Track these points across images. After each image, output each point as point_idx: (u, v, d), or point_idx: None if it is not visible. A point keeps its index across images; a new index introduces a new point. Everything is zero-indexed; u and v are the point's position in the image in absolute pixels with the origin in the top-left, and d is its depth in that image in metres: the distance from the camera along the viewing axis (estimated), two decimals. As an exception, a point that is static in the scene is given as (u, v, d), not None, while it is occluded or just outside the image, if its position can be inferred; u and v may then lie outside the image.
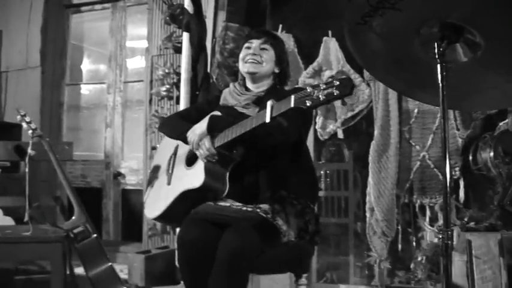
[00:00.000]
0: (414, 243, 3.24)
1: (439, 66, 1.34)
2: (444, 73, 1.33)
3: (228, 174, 2.01)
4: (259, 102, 2.11)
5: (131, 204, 4.47)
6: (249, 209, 2.01)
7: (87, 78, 4.91)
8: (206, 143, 2.00)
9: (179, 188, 2.10)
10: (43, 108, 4.51)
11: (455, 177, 3.08)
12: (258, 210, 2.00)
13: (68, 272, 2.37)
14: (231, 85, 2.28)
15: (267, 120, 1.77)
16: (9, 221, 3.34)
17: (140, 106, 4.43)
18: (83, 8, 4.79)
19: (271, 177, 2.07)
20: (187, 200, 2.06)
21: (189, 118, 2.29)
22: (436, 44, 1.35)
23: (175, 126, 2.26)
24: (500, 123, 2.98)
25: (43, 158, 2.56)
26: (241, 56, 2.21)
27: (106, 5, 4.69)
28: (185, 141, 2.11)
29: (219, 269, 1.81)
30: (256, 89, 2.21)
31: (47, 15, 4.59)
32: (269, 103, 1.78)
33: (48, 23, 4.60)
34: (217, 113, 2.08)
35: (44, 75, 4.55)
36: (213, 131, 2.02)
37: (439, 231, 1.16)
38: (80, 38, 4.92)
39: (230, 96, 2.23)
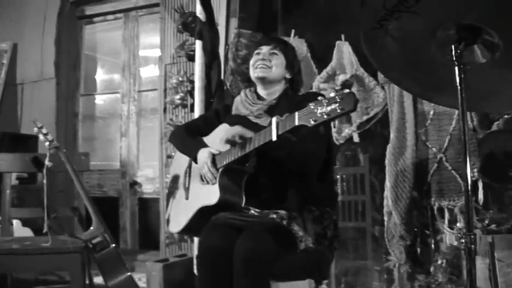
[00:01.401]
0: (433, 246, 3.20)
1: (456, 68, 1.32)
2: (462, 75, 1.31)
3: (243, 187, 2.00)
4: (272, 111, 2.10)
5: (148, 212, 4.48)
6: (265, 215, 2.00)
7: (101, 88, 4.94)
8: (210, 170, 2.04)
9: (197, 204, 2.11)
10: (58, 119, 4.55)
11: (473, 178, 3.04)
12: (275, 216, 1.99)
13: (87, 282, 2.38)
14: (242, 93, 2.27)
15: (274, 138, 1.75)
16: (27, 232, 3.39)
17: (155, 115, 4.45)
18: (96, 19, 4.83)
19: (289, 183, 2.06)
20: (205, 214, 2.06)
21: (196, 130, 2.30)
22: (453, 46, 1.33)
23: (182, 143, 2.29)
24: (494, 124, 2.95)
25: (60, 169, 2.57)
26: (251, 62, 2.21)
27: (118, 15, 4.73)
28: (195, 161, 2.15)
29: (237, 274, 1.81)
30: (268, 95, 2.20)
31: (61, 27, 4.64)
32: (274, 120, 1.76)
33: (61, 34, 4.65)
34: (226, 126, 2.09)
35: (59, 87, 4.60)
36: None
37: (462, 236, 1.13)
38: (94, 49, 4.96)
39: (242, 105, 2.22)
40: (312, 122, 1.60)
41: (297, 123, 1.66)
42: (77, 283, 2.26)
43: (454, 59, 1.33)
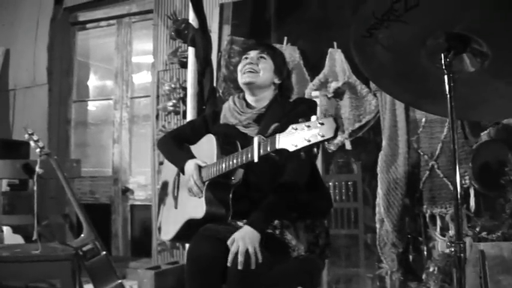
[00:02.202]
0: (426, 254, 3.20)
1: (446, 76, 1.33)
2: (451, 84, 1.31)
3: (230, 200, 1.99)
4: (261, 119, 2.08)
5: (140, 219, 4.46)
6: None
7: (94, 94, 4.93)
8: (196, 183, 2.03)
9: (184, 216, 2.10)
10: (50, 125, 4.53)
11: (465, 186, 3.05)
12: (267, 225, 1.98)
13: (77, 290, 2.36)
14: (231, 100, 2.22)
15: (255, 159, 1.73)
16: (18, 239, 3.36)
17: (147, 121, 4.44)
18: (89, 25, 4.82)
19: (278, 194, 2.05)
20: (193, 226, 2.04)
21: (184, 138, 2.28)
22: (442, 54, 1.34)
23: (170, 153, 2.27)
24: (482, 133, 2.97)
25: (51, 176, 2.56)
26: (239, 67, 2.17)
27: (111, 21, 4.72)
28: (182, 173, 2.13)
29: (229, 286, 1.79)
30: (257, 102, 2.15)
31: (53, 33, 4.63)
32: (255, 140, 1.72)
33: (54, 40, 4.64)
34: (212, 137, 2.09)
35: (51, 93, 4.58)
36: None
37: (451, 244, 1.13)
38: (86, 55, 4.95)
39: (230, 113, 2.17)
40: (293, 147, 1.58)
41: (277, 146, 1.63)
42: (67, 291, 2.24)
43: (444, 67, 1.34)
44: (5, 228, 3.41)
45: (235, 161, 1.88)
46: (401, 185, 3.16)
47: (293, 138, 1.57)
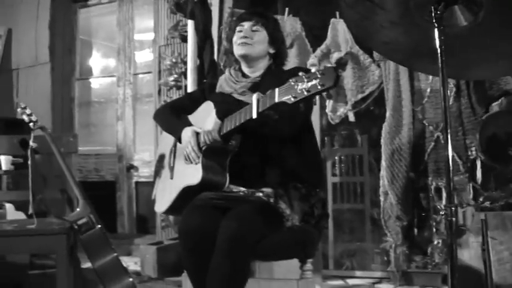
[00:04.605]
0: (432, 228, 3.13)
1: (436, 31, 1.25)
2: (442, 38, 1.24)
3: (227, 166, 1.96)
4: (256, 88, 2.03)
5: (145, 196, 4.45)
6: (251, 193, 1.95)
7: (97, 72, 4.89)
8: (193, 149, 1.99)
9: (180, 184, 2.06)
10: (54, 104, 4.52)
11: (471, 157, 2.97)
12: (261, 194, 1.94)
13: (74, 264, 2.35)
14: (227, 71, 2.21)
15: (254, 116, 1.70)
16: (20, 216, 3.35)
17: (150, 98, 4.40)
18: (90, 2, 4.78)
19: (274, 161, 2.01)
20: (189, 194, 2.01)
21: (182, 108, 2.25)
22: (432, 7, 1.26)
23: (167, 122, 2.25)
24: (493, 104, 2.86)
25: (47, 150, 2.53)
26: (234, 39, 2.14)
27: (113, -3, 4.67)
28: (179, 141, 2.10)
29: (219, 256, 1.75)
30: (252, 73, 2.14)
31: (55, 11, 4.59)
32: (254, 97, 1.71)
33: (56, 18, 4.60)
34: (210, 103, 2.05)
35: (54, 71, 4.56)
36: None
37: (442, 209, 1.07)
38: (88, 33, 4.91)
39: (226, 83, 2.16)
40: (292, 99, 1.56)
41: (277, 100, 1.61)
42: (63, 264, 2.22)
43: (434, 20, 1.26)
44: (7, 205, 3.41)
45: (233, 121, 1.85)
46: (406, 157, 3.08)
47: (292, 91, 1.55)
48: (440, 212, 3.01)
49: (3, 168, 3.74)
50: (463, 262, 2.24)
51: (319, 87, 1.50)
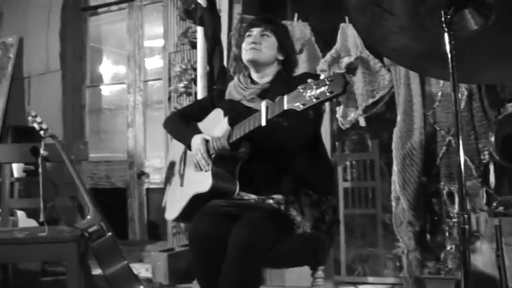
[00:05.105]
0: (445, 233, 3.09)
1: (446, 35, 1.23)
2: (452, 42, 1.22)
3: (237, 173, 1.95)
4: (265, 94, 2.03)
5: (156, 203, 4.45)
6: (261, 201, 1.94)
7: (107, 79, 4.92)
8: (203, 156, 1.99)
9: (190, 192, 2.06)
10: (65, 111, 4.54)
11: (484, 161, 2.93)
12: (271, 201, 1.93)
13: (84, 272, 2.35)
14: (236, 78, 2.21)
15: (263, 123, 1.69)
16: (32, 223, 3.38)
17: (160, 104, 4.41)
18: (100, 10, 4.80)
19: (284, 168, 2.00)
20: (199, 202, 2.01)
21: (191, 116, 2.26)
22: (442, 11, 1.24)
23: (176, 129, 2.25)
24: (508, 104, 2.82)
25: (57, 158, 2.54)
26: (243, 45, 2.14)
27: (122, 5, 4.69)
28: (189, 149, 2.10)
29: (229, 263, 1.74)
30: (261, 78, 2.13)
31: (65, 19, 4.62)
32: (263, 104, 1.70)
33: (66, 27, 4.63)
34: (219, 111, 2.05)
35: (65, 79, 4.59)
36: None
37: (455, 216, 1.05)
38: (98, 40, 4.94)
39: (235, 90, 2.16)
40: (301, 106, 1.55)
41: (285, 107, 1.60)
42: (74, 272, 2.22)
43: (444, 25, 1.24)
44: (19, 212, 3.44)
45: (243, 128, 1.84)
46: (417, 162, 3.05)
47: (301, 98, 1.54)
48: (453, 219, 2.97)
49: (15, 175, 3.78)
50: (477, 268, 2.20)
51: (328, 94, 1.49)
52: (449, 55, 1.23)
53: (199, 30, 3.54)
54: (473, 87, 2.97)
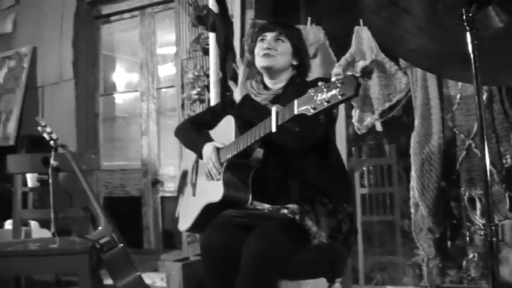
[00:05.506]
0: (466, 240, 3.00)
1: (468, 34, 1.16)
2: (475, 42, 1.15)
3: (249, 182, 1.89)
4: (277, 100, 1.97)
5: (170, 211, 4.41)
6: (276, 210, 1.88)
7: (121, 87, 4.90)
8: (214, 165, 1.95)
9: (202, 202, 2.02)
10: (79, 120, 4.53)
11: (506, 165, 2.83)
12: (285, 210, 1.87)
13: (96, 283, 2.31)
14: (248, 83, 2.16)
15: (273, 129, 1.63)
16: (46, 234, 3.35)
17: (174, 112, 4.37)
18: (112, 18, 4.79)
19: (298, 176, 1.94)
20: (212, 212, 1.96)
21: (203, 123, 2.22)
22: (463, 9, 1.17)
23: (188, 138, 2.22)
24: None
25: (68, 168, 2.51)
26: (256, 50, 2.08)
27: (134, 13, 4.68)
28: (200, 157, 2.07)
29: (244, 275, 1.69)
30: (274, 85, 2.08)
31: (78, 28, 4.62)
32: (274, 109, 1.64)
33: (79, 35, 4.62)
34: (230, 118, 2.01)
35: (78, 87, 4.58)
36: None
37: (482, 228, 0.98)
38: (111, 48, 4.93)
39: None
40: (312, 111, 1.49)
41: (296, 112, 1.54)
42: (86, 283, 2.19)
43: (465, 24, 1.17)
44: (32, 223, 3.42)
45: (253, 134, 1.79)
46: (436, 167, 2.96)
47: (312, 102, 1.48)
48: (475, 225, 2.88)
49: (29, 185, 3.77)
50: (504, 279, 2.11)
51: (339, 97, 1.42)
52: (472, 56, 1.15)
53: (212, 37, 3.51)
54: (493, 89, 2.88)
